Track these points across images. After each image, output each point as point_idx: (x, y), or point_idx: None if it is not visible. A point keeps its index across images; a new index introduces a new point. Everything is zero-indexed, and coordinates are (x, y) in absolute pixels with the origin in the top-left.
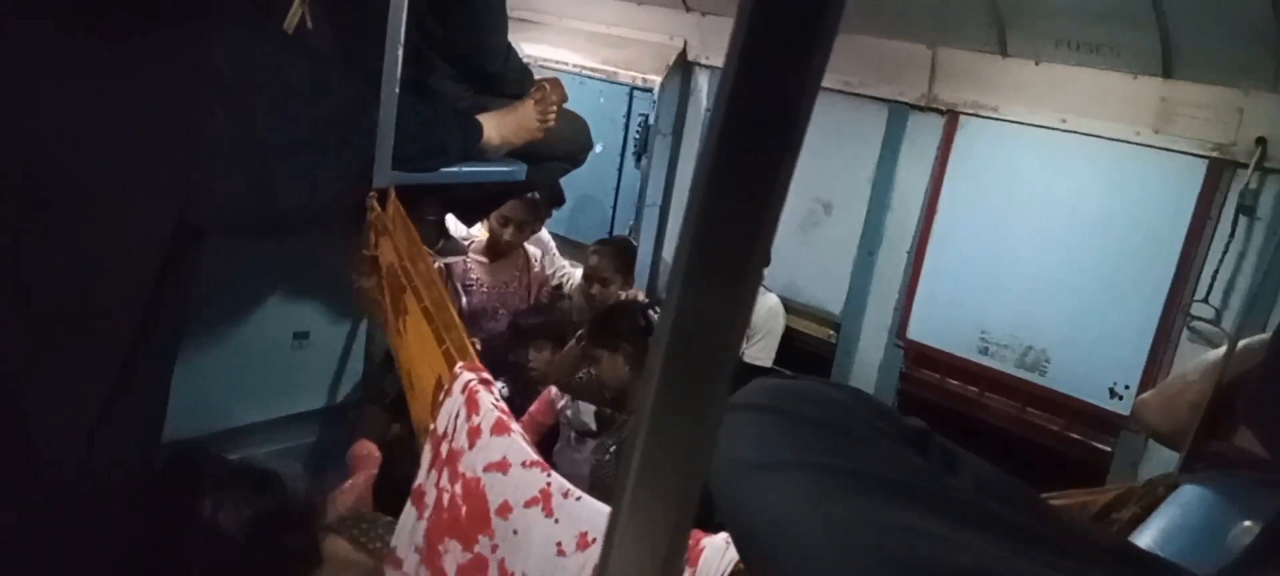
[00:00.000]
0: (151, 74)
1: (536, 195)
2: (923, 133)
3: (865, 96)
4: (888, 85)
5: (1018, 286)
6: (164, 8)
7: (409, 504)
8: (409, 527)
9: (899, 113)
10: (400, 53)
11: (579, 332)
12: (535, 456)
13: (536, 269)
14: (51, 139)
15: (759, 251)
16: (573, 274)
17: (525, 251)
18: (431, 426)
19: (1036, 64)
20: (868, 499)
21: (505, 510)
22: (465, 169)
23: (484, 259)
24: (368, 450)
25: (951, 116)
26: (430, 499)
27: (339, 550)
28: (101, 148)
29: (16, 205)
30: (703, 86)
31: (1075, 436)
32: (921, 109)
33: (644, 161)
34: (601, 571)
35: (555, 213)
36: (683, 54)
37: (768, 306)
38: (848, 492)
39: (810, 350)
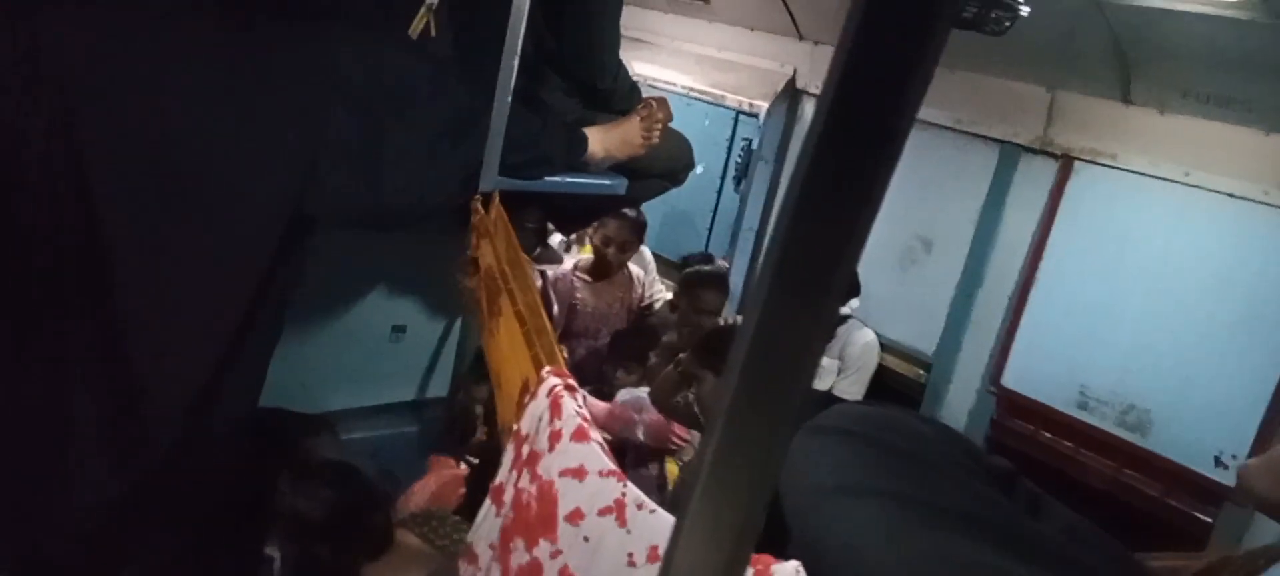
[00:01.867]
0: (282, 72)
1: (637, 214)
2: (1034, 176)
3: (976, 135)
4: (1001, 125)
5: (1123, 342)
6: (297, 9)
7: (488, 501)
8: (487, 524)
9: (1010, 154)
10: (516, 63)
11: (679, 355)
12: (613, 466)
13: (639, 290)
14: (186, 124)
15: (842, 274)
16: (665, 294)
17: (629, 272)
18: (515, 427)
19: (1161, 113)
20: (947, 533)
21: (576, 516)
22: (568, 179)
23: (589, 278)
24: (450, 470)
25: (1066, 161)
26: (508, 497)
27: (408, 543)
28: (231, 136)
29: (151, 181)
30: (809, 115)
31: (1174, 503)
32: (1035, 151)
33: (743, 185)
34: (665, 573)
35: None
36: (792, 81)
37: (864, 342)
38: (927, 525)
39: (900, 389)
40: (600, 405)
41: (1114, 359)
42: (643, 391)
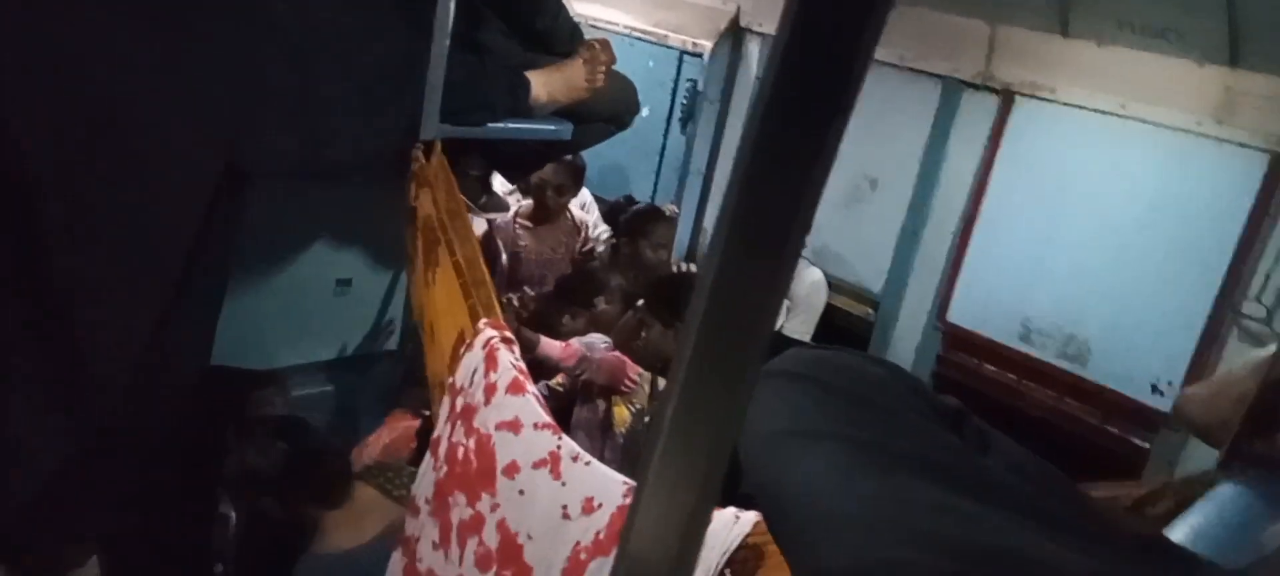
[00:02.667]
0: (211, 18)
1: (574, 157)
2: (976, 111)
3: (918, 71)
4: (942, 61)
5: (1064, 274)
6: None
7: (428, 454)
8: (426, 477)
9: (953, 90)
10: (453, 5)
11: (638, 302)
12: (547, 419)
13: (583, 233)
14: (113, 75)
15: (801, 222)
16: (601, 224)
17: (572, 217)
18: (450, 380)
19: (1099, 45)
20: (899, 474)
21: (512, 470)
22: (511, 125)
23: (530, 224)
24: (405, 421)
25: (1007, 96)
26: (443, 451)
27: (365, 495)
28: (160, 86)
29: (77, 137)
30: (754, 53)
31: (1113, 430)
32: (976, 87)
33: (690, 128)
34: (626, 532)
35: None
36: (735, 20)
37: (810, 280)
38: (879, 467)
39: (848, 327)
40: (555, 343)
41: (1055, 291)
42: (594, 337)
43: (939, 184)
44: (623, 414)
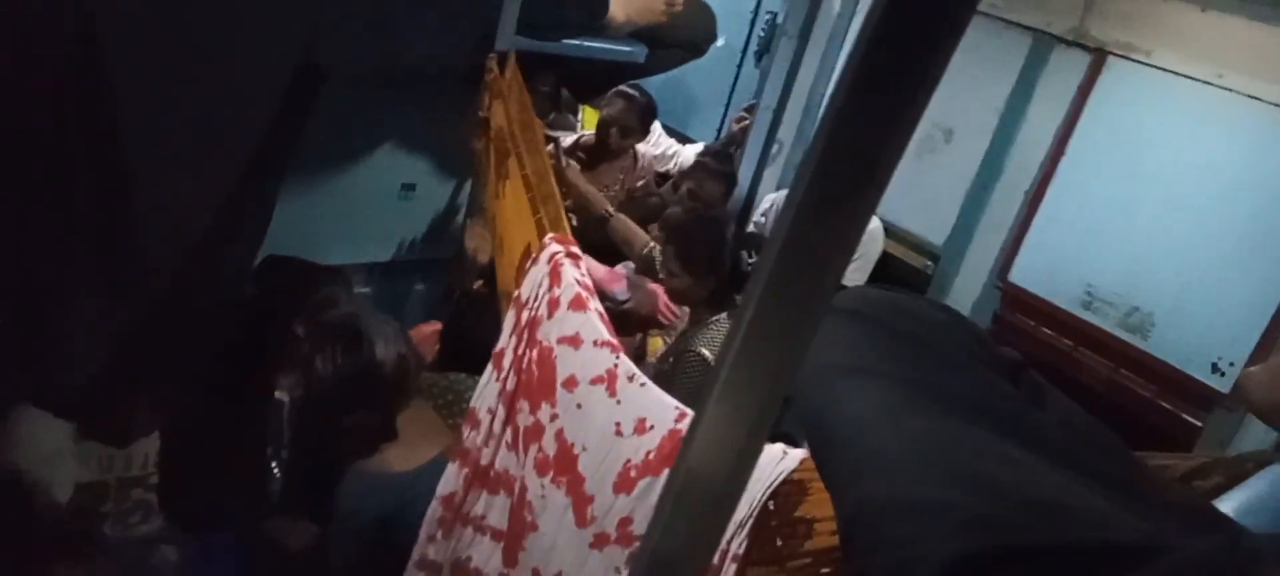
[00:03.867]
0: None
1: (644, 97)
2: (1064, 69)
3: (1009, 22)
4: (1034, 13)
5: (1134, 244)
6: None
7: (490, 365)
8: (489, 388)
9: (1043, 44)
10: None
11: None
12: (608, 337)
13: (641, 165)
14: None
15: (881, 179)
16: (682, 152)
17: (633, 153)
18: (516, 293)
19: (1201, 10)
20: (951, 417)
21: (572, 383)
22: (587, 43)
23: (584, 156)
24: (429, 327)
25: (1099, 55)
26: (508, 362)
27: (424, 417)
28: None
29: (156, 21)
30: None
31: (1166, 405)
32: (1067, 43)
33: (764, 61)
34: (685, 448)
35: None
36: None
37: (868, 229)
38: (932, 408)
39: (904, 278)
40: (600, 266)
41: (1123, 260)
42: (625, 266)
43: (1016, 140)
44: (656, 345)
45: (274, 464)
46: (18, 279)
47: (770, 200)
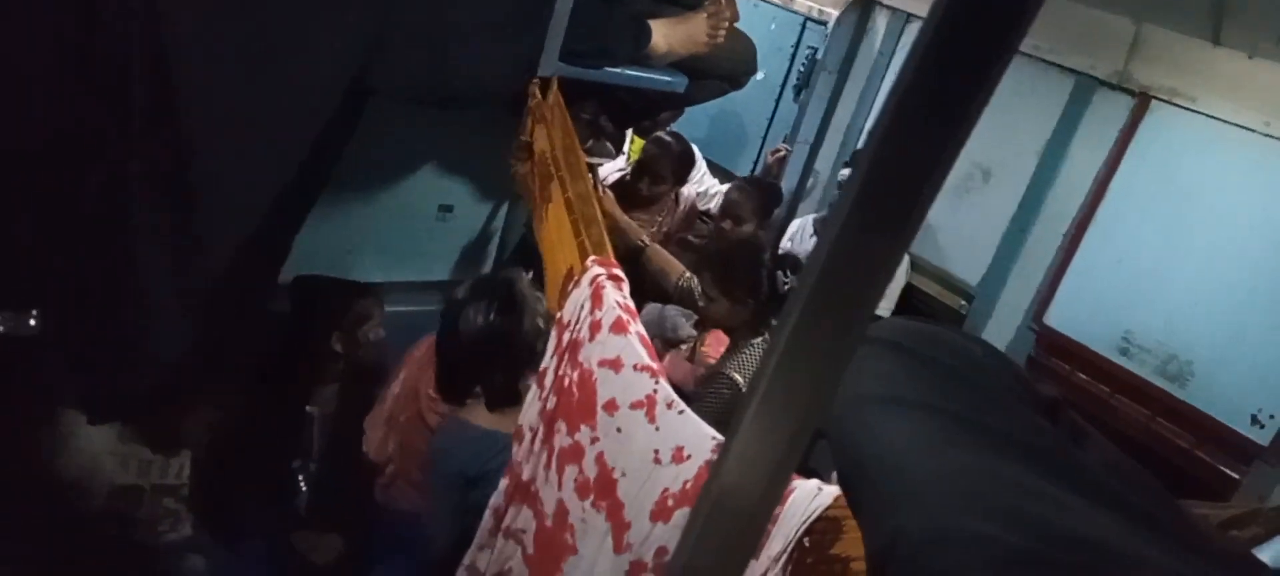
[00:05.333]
0: None
1: (681, 144)
2: (1107, 111)
3: (1050, 63)
4: (1077, 55)
5: (1174, 291)
6: None
7: (533, 384)
8: (532, 407)
9: (1085, 86)
10: None
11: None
12: (648, 361)
13: (682, 206)
14: None
15: (921, 209)
16: (723, 191)
17: (676, 196)
18: (558, 314)
19: (1249, 58)
20: (988, 451)
21: (612, 407)
22: (628, 72)
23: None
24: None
25: (1143, 100)
26: (549, 381)
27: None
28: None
29: (225, 32)
30: (880, 27)
31: (1203, 457)
32: (1111, 86)
33: (804, 95)
34: (714, 476)
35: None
36: None
37: None
38: (968, 441)
39: (932, 313)
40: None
41: (1162, 308)
42: (670, 309)
43: (1055, 182)
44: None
45: (301, 477)
46: (71, 280)
47: (797, 225)
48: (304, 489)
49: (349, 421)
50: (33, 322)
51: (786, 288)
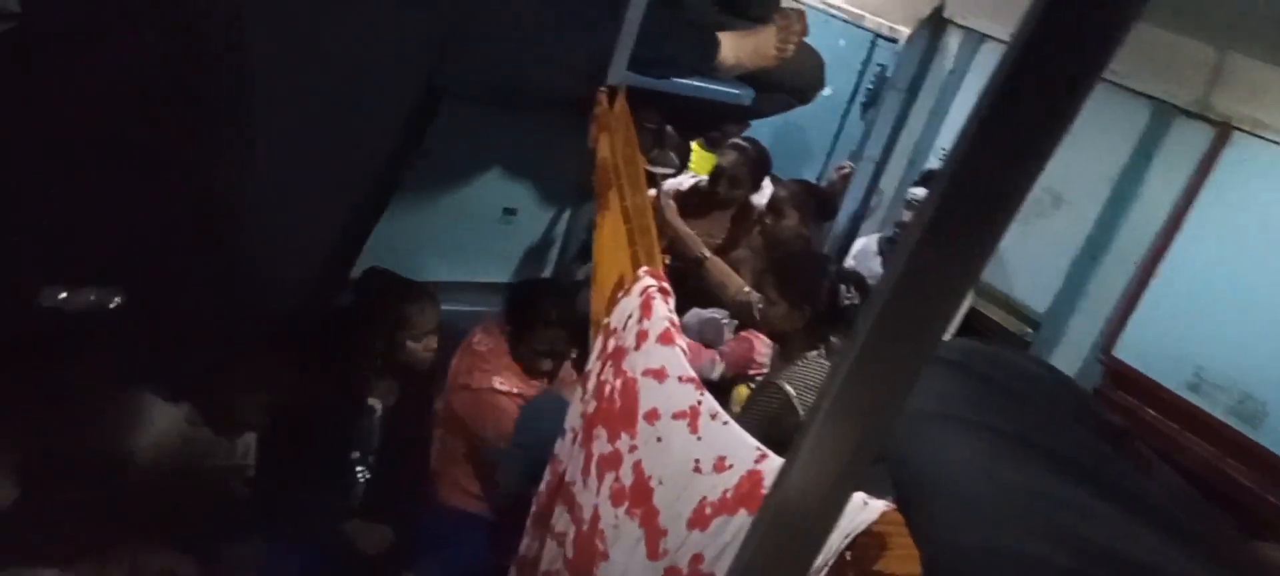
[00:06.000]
0: None
1: (758, 149)
2: (1185, 141)
3: (1127, 89)
4: (1157, 82)
5: (1251, 328)
6: None
7: (578, 387)
8: (574, 409)
9: (1163, 114)
10: None
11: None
12: (692, 373)
13: (753, 217)
14: None
15: (997, 232)
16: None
17: (749, 206)
18: (605, 320)
19: None
20: (1048, 473)
21: (653, 416)
22: (695, 83)
23: (696, 201)
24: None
25: (1224, 130)
26: (592, 387)
27: None
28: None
29: (301, 34)
30: (953, 47)
31: (1275, 500)
32: (1190, 115)
33: (871, 113)
34: (777, 486)
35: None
36: (939, 9)
37: None
38: (1027, 461)
39: (999, 340)
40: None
41: (1237, 344)
42: (713, 312)
43: (1129, 211)
44: (742, 393)
45: (360, 468)
46: (145, 263)
47: (861, 243)
48: (362, 480)
49: (406, 417)
50: (117, 298)
51: (848, 303)
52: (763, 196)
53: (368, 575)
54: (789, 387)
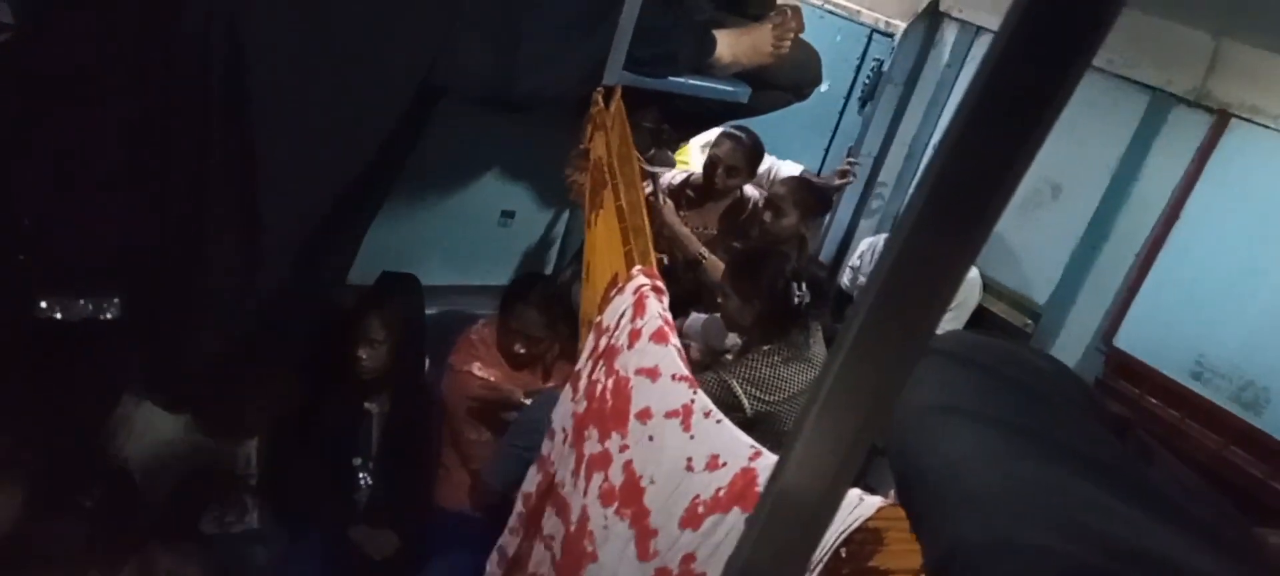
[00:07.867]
0: None
1: (752, 139)
2: (1184, 129)
3: (1125, 79)
4: (1154, 71)
5: (1252, 315)
6: None
7: (568, 385)
8: (564, 407)
9: (1161, 103)
10: None
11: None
12: (686, 372)
13: (750, 207)
14: None
15: (991, 218)
16: (777, 166)
17: (742, 194)
18: (597, 319)
19: None
20: (1053, 465)
21: (645, 415)
22: (691, 81)
23: (692, 195)
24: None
25: (1222, 117)
26: (583, 386)
27: None
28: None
29: (300, 32)
30: (949, 39)
31: (1278, 487)
32: (1189, 103)
33: (868, 108)
34: (775, 477)
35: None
36: (935, 3)
37: (967, 277)
38: (1032, 454)
39: (1001, 333)
40: None
41: (1238, 332)
42: (702, 317)
43: (1128, 201)
44: None
45: (362, 473)
46: (151, 269)
47: (868, 243)
48: (365, 485)
49: (401, 421)
50: (114, 309)
51: (799, 300)
52: (755, 189)
53: None
54: (733, 382)
